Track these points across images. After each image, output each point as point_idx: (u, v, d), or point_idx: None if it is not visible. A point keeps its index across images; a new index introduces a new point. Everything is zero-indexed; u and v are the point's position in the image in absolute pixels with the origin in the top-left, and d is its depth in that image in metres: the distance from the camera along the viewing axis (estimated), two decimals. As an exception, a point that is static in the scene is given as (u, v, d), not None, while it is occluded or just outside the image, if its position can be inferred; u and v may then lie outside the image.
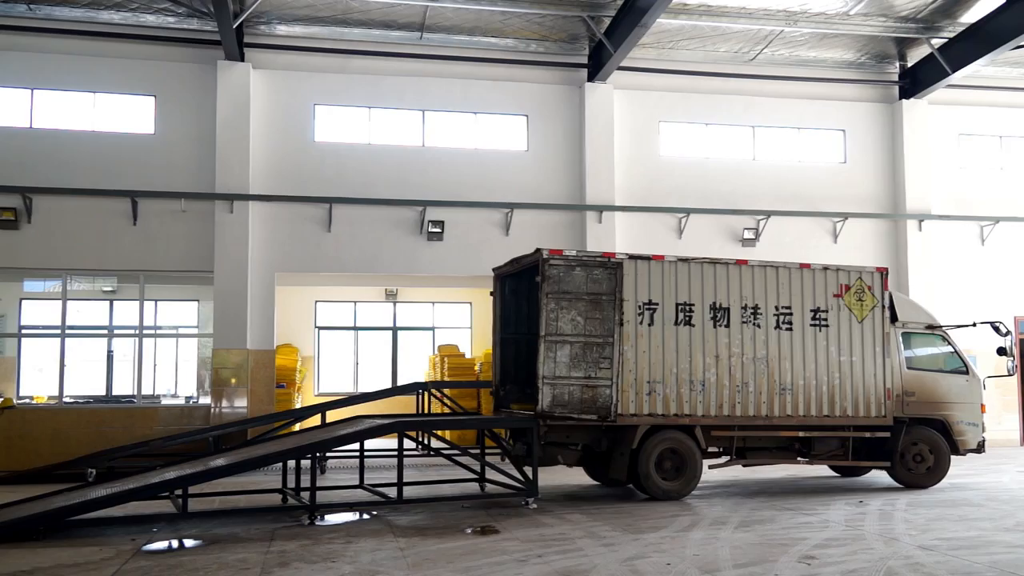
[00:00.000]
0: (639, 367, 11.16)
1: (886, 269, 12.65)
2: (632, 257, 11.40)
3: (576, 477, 13.15)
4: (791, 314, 11.89)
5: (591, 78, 17.33)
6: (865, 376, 12.15)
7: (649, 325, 11.27)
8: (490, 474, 11.71)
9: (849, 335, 12.13)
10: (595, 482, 12.87)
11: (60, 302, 15.78)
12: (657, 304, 11.33)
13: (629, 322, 11.15)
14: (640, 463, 11.22)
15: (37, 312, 18.24)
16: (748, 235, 17.77)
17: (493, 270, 12.85)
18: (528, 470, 10.91)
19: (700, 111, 18.15)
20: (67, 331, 15.72)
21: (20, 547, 8.39)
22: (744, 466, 12.36)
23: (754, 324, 11.73)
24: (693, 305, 11.50)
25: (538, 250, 11.11)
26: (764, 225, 17.84)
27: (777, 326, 11.82)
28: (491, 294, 12.85)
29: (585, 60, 17.53)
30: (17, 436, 14.64)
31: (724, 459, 11.96)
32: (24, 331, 17.32)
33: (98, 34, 15.72)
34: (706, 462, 11.77)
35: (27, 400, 16.34)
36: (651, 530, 9.18)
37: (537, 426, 10.82)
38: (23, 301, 18.35)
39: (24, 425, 14.77)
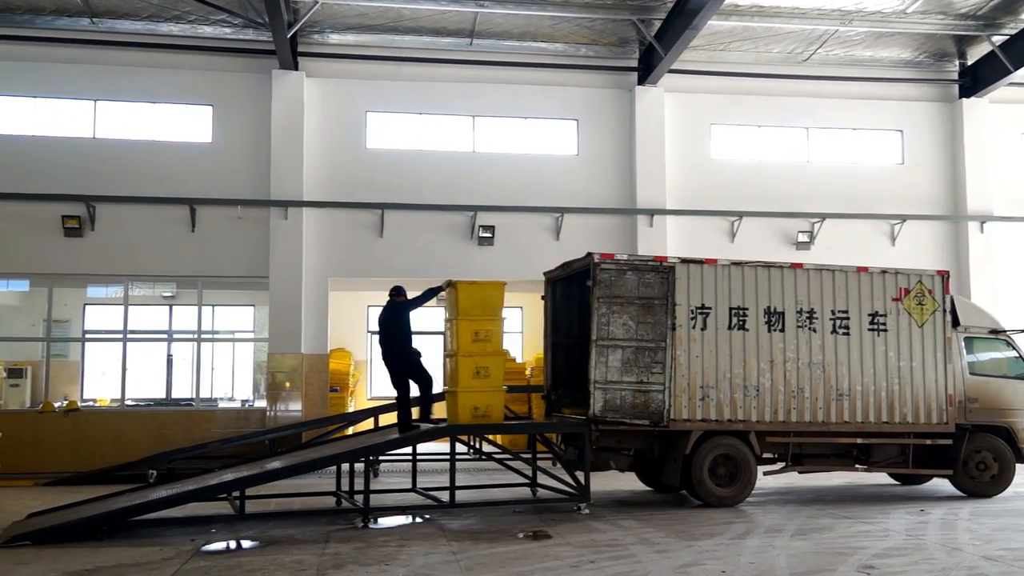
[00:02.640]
0: (692, 372, 11.06)
1: (947, 272, 12.33)
2: (684, 261, 11.30)
3: (628, 482, 13.06)
4: (848, 318, 11.67)
5: (641, 81, 17.25)
6: (926, 382, 11.87)
7: (702, 329, 11.15)
8: (542, 479, 11.70)
9: (909, 340, 11.87)
10: (647, 487, 12.77)
11: (122, 307, 16.20)
12: (710, 308, 11.22)
13: (682, 326, 11.06)
14: (693, 469, 11.10)
15: (100, 317, 18.74)
16: (802, 238, 17.52)
17: (544, 274, 12.85)
18: (580, 475, 10.86)
19: (752, 113, 17.95)
20: (128, 336, 16.14)
21: (84, 546, 8.61)
22: (800, 473, 12.14)
23: (810, 328, 11.54)
24: (747, 309, 11.35)
25: (589, 254, 11.08)
26: (819, 228, 17.56)
27: (834, 331, 11.61)
28: (542, 298, 12.86)
29: (635, 63, 17.46)
30: (81, 438, 15.03)
31: (779, 465, 11.78)
32: (88, 336, 17.80)
33: (158, 46, 16.12)
34: (761, 468, 11.59)
35: (91, 403, 16.77)
36: (705, 537, 9.08)
37: (589, 431, 10.78)
38: (87, 306, 18.88)
39: (88, 427, 15.17)
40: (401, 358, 11.05)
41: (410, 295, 11.55)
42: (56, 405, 15.41)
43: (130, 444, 14.91)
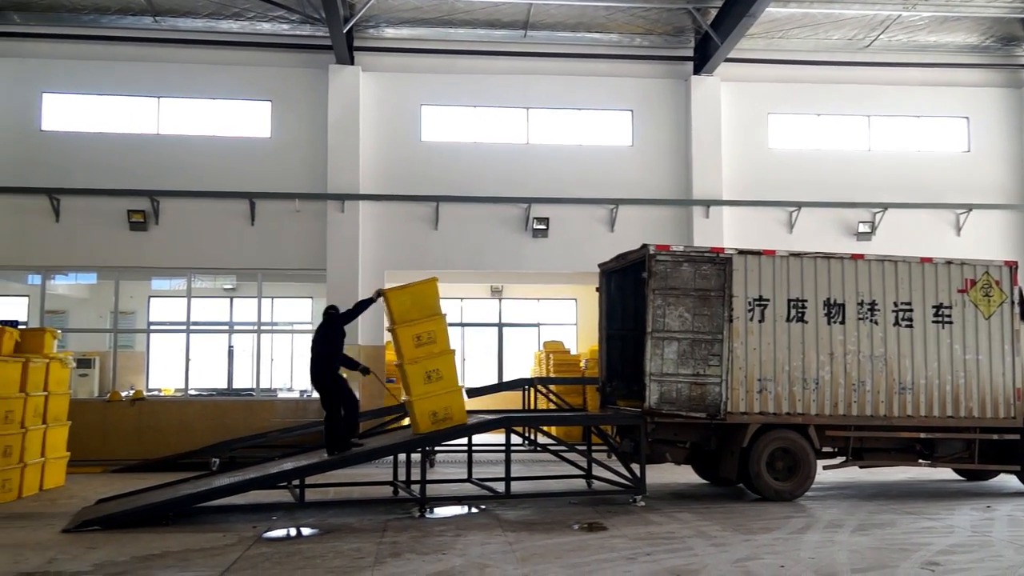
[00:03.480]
0: (749, 364, 10.93)
1: (1015, 263, 11.97)
2: (742, 252, 11.17)
3: (684, 475, 12.97)
4: (911, 310, 11.42)
5: (697, 71, 17.06)
6: (992, 375, 11.56)
7: (760, 321, 11.01)
8: (597, 471, 11.68)
9: (975, 332, 11.57)
10: (704, 480, 12.67)
11: (185, 299, 16.58)
12: (768, 300, 11.07)
13: (739, 318, 10.93)
14: (751, 462, 10.98)
15: (164, 309, 19.22)
16: (863, 228, 17.17)
17: (599, 266, 12.81)
18: (635, 467, 10.83)
19: (811, 101, 17.64)
20: (191, 327, 16.51)
21: (151, 531, 8.85)
22: (861, 467, 11.93)
23: (871, 321, 11.32)
24: (806, 301, 11.17)
25: (644, 246, 11.01)
26: (880, 218, 17.20)
27: (896, 323, 11.37)
28: (597, 290, 12.82)
29: (691, 53, 17.27)
30: (147, 426, 15.44)
31: (839, 460, 11.58)
32: (152, 327, 18.27)
33: (218, 43, 16.43)
34: (820, 463, 11.42)
35: (156, 392, 17.22)
36: (763, 531, 8.98)
37: (644, 423, 10.73)
38: (151, 299, 19.38)
39: (153, 416, 15.58)
40: (325, 377, 10.57)
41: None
42: (123, 394, 15.85)
43: (193, 433, 15.28)
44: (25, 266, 16.38)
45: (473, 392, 14.42)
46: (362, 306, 10.95)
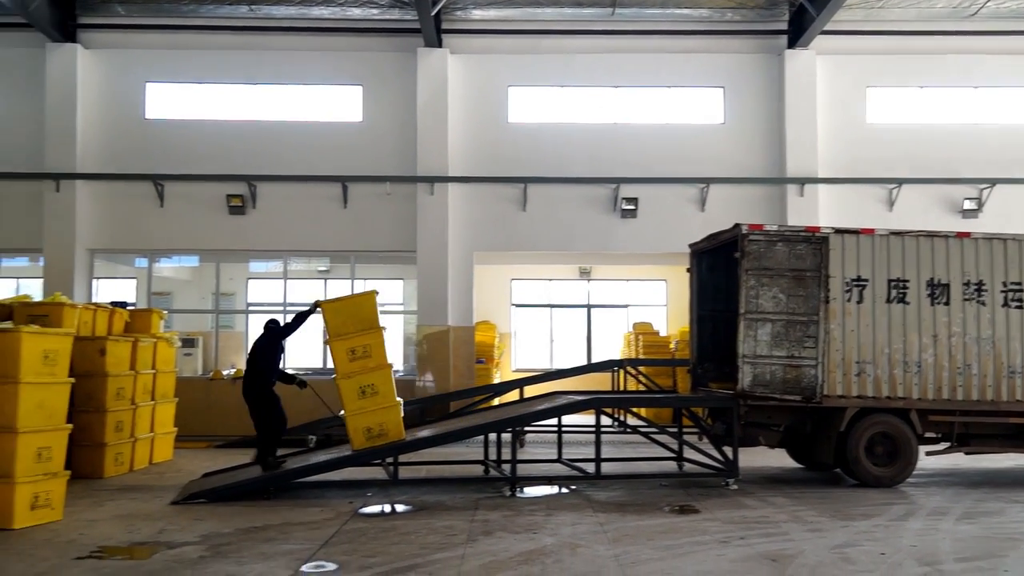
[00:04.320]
0: (847, 346, 10.62)
1: None
2: (839, 231, 10.83)
3: (778, 459, 12.73)
4: (1022, 291, 10.89)
5: (791, 44, 16.57)
6: (1110, 358, 10.95)
7: (858, 302, 10.68)
8: (688, 453, 11.57)
9: (1091, 313, 10.97)
10: (799, 465, 12.41)
11: (281, 281, 17.06)
12: (867, 280, 10.72)
13: (836, 299, 10.63)
14: (849, 447, 10.70)
15: (262, 290, 19.80)
16: (969, 205, 16.44)
17: (689, 246, 12.63)
18: (728, 450, 10.69)
19: (913, 73, 16.93)
20: (287, 308, 16.95)
21: (253, 505, 9.19)
22: (966, 454, 11.48)
23: (978, 302, 10.85)
24: (907, 281, 10.78)
25: (737, 225, 10.80)
26: (988, 194, 16.44)
27: (1005, 304, 10.87)
28: (687, 271, 12.65)
29: (784, 26, 16.78)
30: (246, 404, 15.93)
31: (943, 446, 11.17)
32: (251, 308, 18.84)
33: (310, 29, 16.73)
34: (922, 448, 11.04)
35: (254, 371, 17.74)
36: (862, 517, 8.74)
37: (737, 406, 10.57)
38: (249, 280, 20.00)
39: (252, 394, 16.04)
40: (257, 390, 10.47)
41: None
42: (225, 373, 16.41)
43: (290, 410, 15.48)
44: (133, 249, 17.10)
45: (562, 373, 14.48)
46: (300, 319, 10.74)
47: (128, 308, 13.60)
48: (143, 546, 7.41)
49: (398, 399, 10.27)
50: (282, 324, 10.97)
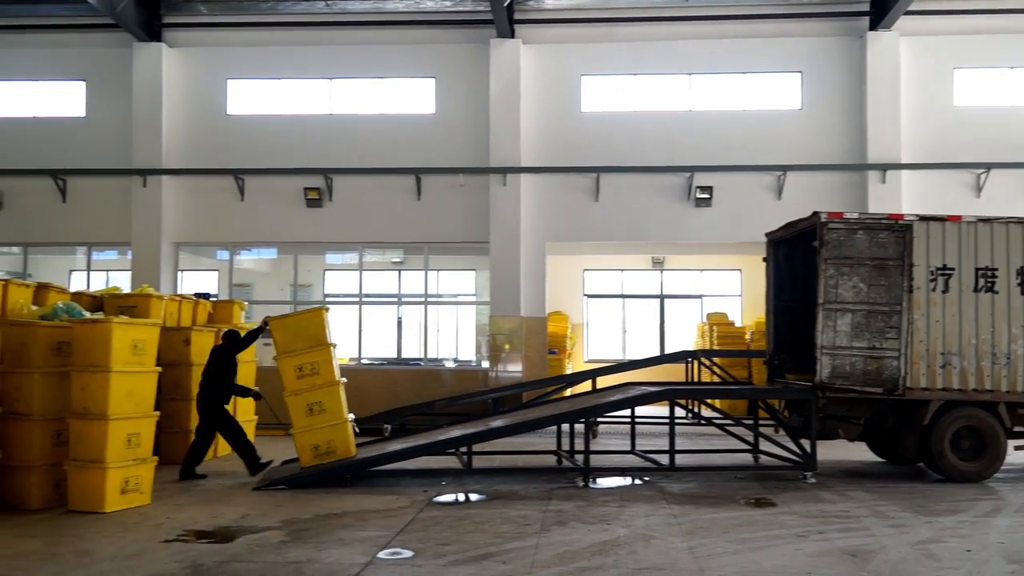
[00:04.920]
0: (931, 337, 10.30)
1: None
2: (923, 218, 10.49)
3: (858, 452, 12.43)
4: (1119, 279, 10.39)
5: (873, 26, 16.08)
6: None
7: (943, 292, 10.34)
8: (764, 445, 11.40)
9: None
10: (879, 459, 12.09)
11: (357, 272, 17.36)
12: (953, 269, 10.37)
13: (920, 289, 10.31)
14: (933, 441, 10.38)
15: (338, 282, 20.17)
16: (1063, 190, 15.75)
17: (766, 235, 12.39)
18: (805, 443, 10.49)
19: (1004, 53, 16.27)
20: (363, 299, 17.27)
21: (331, 492, 9.40)
22: (1059, 449, 11.05)
23: (1071, 291, 10.39)
24: (996, 270, 10.38)
25: (816, 213, 10.56)
26: (1083, 178, 15.71)
27: (1100, 293, 10.39)
28: (764, 260, 12.42)
29: (866, 7, 16.28)
30: (324, 393, 16.27)
31: (1033, 440, 10.76)
32: (327, 299, 19.19)
33: (385, 23, 16.92)
34: (1011, 443, 10.63)
35: (331, 361, 18.12)
36: (946, 513, 8.49)
37: (815, 398, 10.36)
38: (326, 272, 20.38)
39: (329, 383, 16.40)
40: (212, 405, 10.53)
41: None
42: (302, 363, 16.78)
43: (366, 399, 15.98)
44: (215, 242, 17.62)
45: (635, 364, 14.39)
46: (252, 336, 10.87)
47: (211, 299, 14.03)
48: (227, 530, 7.65)
49: (348, 416, 10.31)
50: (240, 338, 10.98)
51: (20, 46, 17.34)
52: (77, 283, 18.25)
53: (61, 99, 17.44)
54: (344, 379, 10.45)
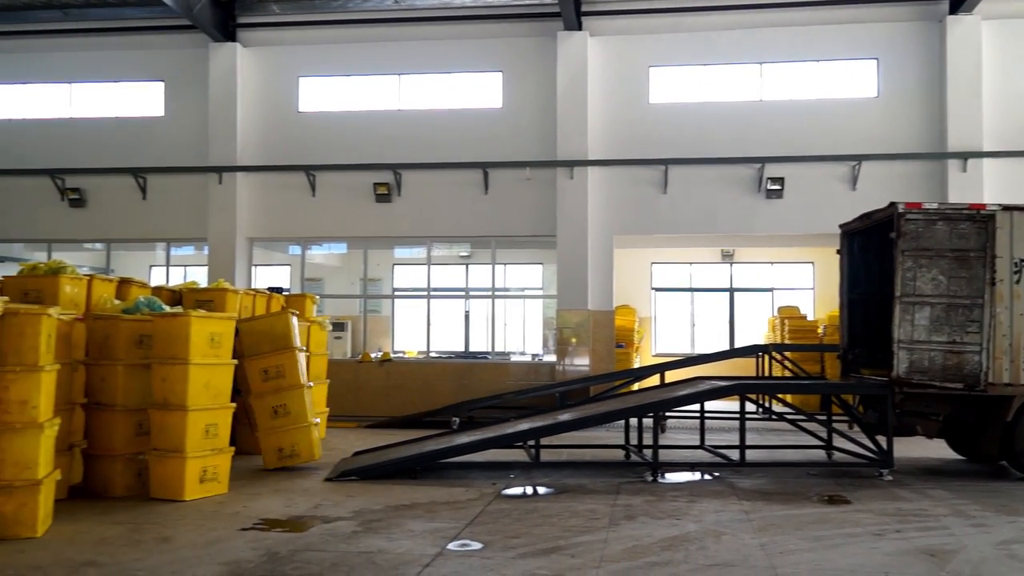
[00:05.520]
0: (1015, 331, 9.92)
1: None
2: (1007, 208, 10.09)
3: (936, 449, 12.07)
4: None
5: (953, 10, 15.56)
6: None
7: (1029, 284, 9.96)
8: (838, 442, 11.15)
9: None
10: (959, 456, 11.72)
11: (425, 267, 17.53)
12: (1038, 261, 9.97)
13: (1003, 281, 9.94)
14: (1016, 438, 10.01)
15: (406, 276, 20.44)
16: None
17: (840, 227, 12.10)
18: (881, 439, 10.23)
19: (1092, 35, 15.57)
20: (431, 293, 17.44)
21: (401, 483, 9.51)
22: None
23: None
24: (1084, 262, 9.96)
25: (892, 204, 10.26)
26: None
27: None
28: (837, 252, 12.12)
29: (947, -10, 15.78)
30: (393, 386, 16.57)
31: (1125, 439, 10.29)
32: (396, 293, 19.48)
33: (452, 18, 17.04)
34: (1101, 442, 10.20)
35: (400, 354, 18.40)
36: (1031, 513, 8.20)
37: (892, 393, 10.09)
38: (395, 266, 20.66)
39: (399, 376, 16.68)
40: None
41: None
42: (372, 356, 17.06)
43: (434, 392, 16.20)
44: (287, 237, 18.00)
45: (704, 358, 14.23)
46: None
47: (284, 293, 14.33)
48: (301, 520, 7.82)
49: (313, 420, 10.43)
50: None
51: (102, 48, 17.95)
52: (157, 278, 18.88)
53: (141, 99, 18.02)
54: (310, 383, 10.63)
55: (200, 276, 17.51)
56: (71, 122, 18.04)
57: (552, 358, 16.98)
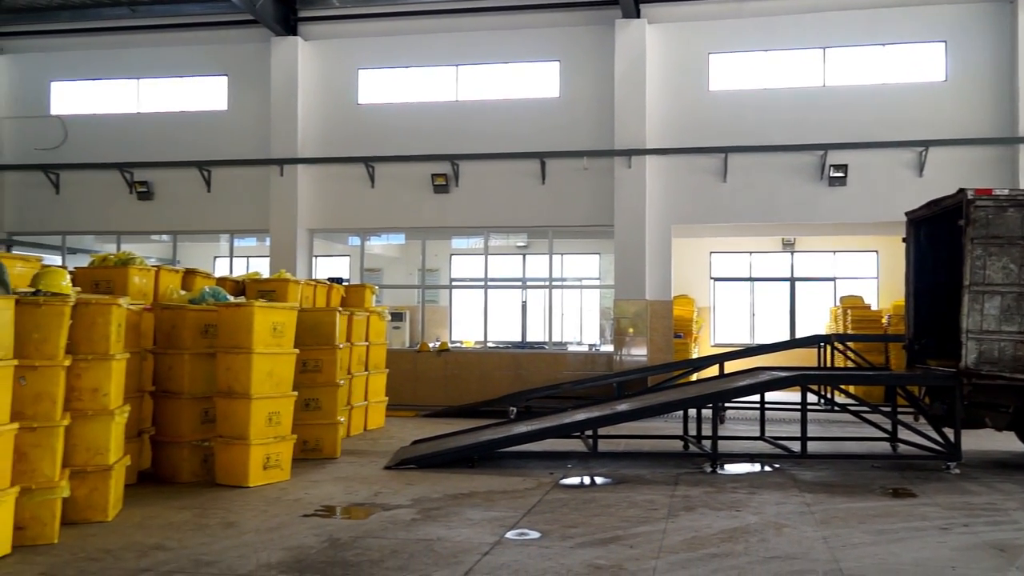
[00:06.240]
0: (1091, 322, 9.59)
1: None
2: (1082, 194, 9.77)
3: (1006, 442, 11.71)
4: None
5: (1026, -11, 15.03)
6: None
7: (1105, 273, 9.60)
8: (903, 434, 10.92)
9: None
10: (1031, 450, 11.40)
11: (482, 257, 17.59)
12: (1116, 249, 9.61)
13: (1077, 270, 9.61)
14: (1090, 432, 9.70)
15: (464, 266, 20.54)
16: None
17: (906, 214, 11.80)
18: (949, 432, 9.99)
19: None
20: (488, 283, 17.50)
21: (459, 472, 9.59)
22: None
23: None
24: None
25: (962, 190, 9.98)
26: None
27: None
28: (903, 241, 11.83)
29: (1019, -30, 15.23)
30: (451, 375, 16.69)
31: None
32: (454, 283, 19.58)
33: (510, 8, 16.97)
34: None
35: (458, 344, 18.53)
36: (1108, 510, 7.93)
37: (960, 385, 9.82)
38: (452, 256, 20.78)
39: (456, 366, 16.79)
40: None
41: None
42: (430, 345, 17.21)
43: (491, 382, 16.28)
44: (347, 228, 18.23)
45: (764, 348, 14.05)
46: None
47: (343, 284, 14.53)
48: (361, 507, 7.95)
49: (340, 419, 10.69)
50: None
51: (168, 44, 18.36)
52: (220, 269, 19.31)
53: (205, 94, 18.39)
54: (341, 382, 10.78)
55: (262, 267, 17.84)
56: (139, 117, 18.50)
57: (609, 348, 16.91)
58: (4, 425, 6.06)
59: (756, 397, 11.53)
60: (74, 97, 18.92)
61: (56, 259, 18.37)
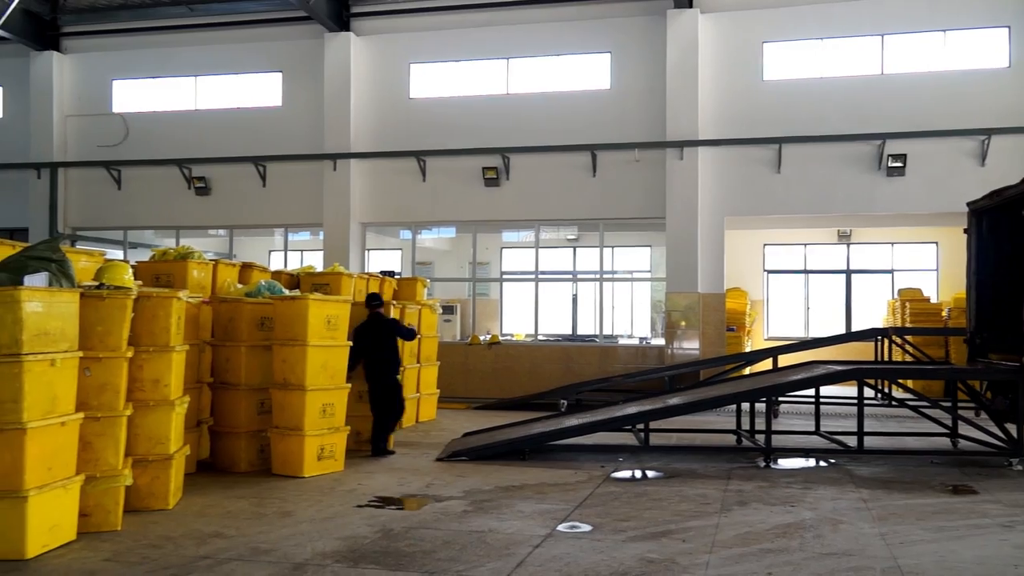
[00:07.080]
0: None
1: None
2: None
3: (1073, 441, 11.39)
4: None
5: (1095, -29, 14.52)
6: None
7: None
8: (963, 429, 10.67)
9: None
10: (1099, 448, 11.04)
11: (533, 250, 17.60)
12: None
13: None
14: None
15: (514, 259, 20.57)
16: None
17: (967, 205, 11.50)
18: (1011, 427, 9.73)
19: None
20: (539, 276, 17.51)
21: (509, 465, 9.63)
22: None
23: None
24: None
25: (1025, 180, 9.72)
26: None
27: None
28: (964, 232, 11.54)
29: (1087, -50, 14.71)
30: (502, 368, 16.74)
31: None
32: (505, 276, 19.62)
33: (559, 0, 16.88)
34: None
35: (509, 337, 18.54)
36: None
37: (1022, 380, 9.57)
38: (503, 249, 20.82)
39: (507, 359, 16.83)
40: (388, 378, 10.44)
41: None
42: (481, 338, 17.27)
43: (542, 375, 16.29)
44: (398, 222, 18.38)
45: (819, 342, 13.83)
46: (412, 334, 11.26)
47: (395, 277, 14.66)
48: (413, 498, 8.04)
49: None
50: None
51: (224, 42, 18.67)
52: (276, 262, 19.61)
53: (261, 90, 18.66)
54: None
55: (316, 260, 18.11)
56: (196, 114, 18.86)
57: (660, 342, 16.80)
58: (70, 415, 6.27)
59: (811, 391, 11.39)
60: (134, 95, 19.35)
61: (118, 253, 18.83)
